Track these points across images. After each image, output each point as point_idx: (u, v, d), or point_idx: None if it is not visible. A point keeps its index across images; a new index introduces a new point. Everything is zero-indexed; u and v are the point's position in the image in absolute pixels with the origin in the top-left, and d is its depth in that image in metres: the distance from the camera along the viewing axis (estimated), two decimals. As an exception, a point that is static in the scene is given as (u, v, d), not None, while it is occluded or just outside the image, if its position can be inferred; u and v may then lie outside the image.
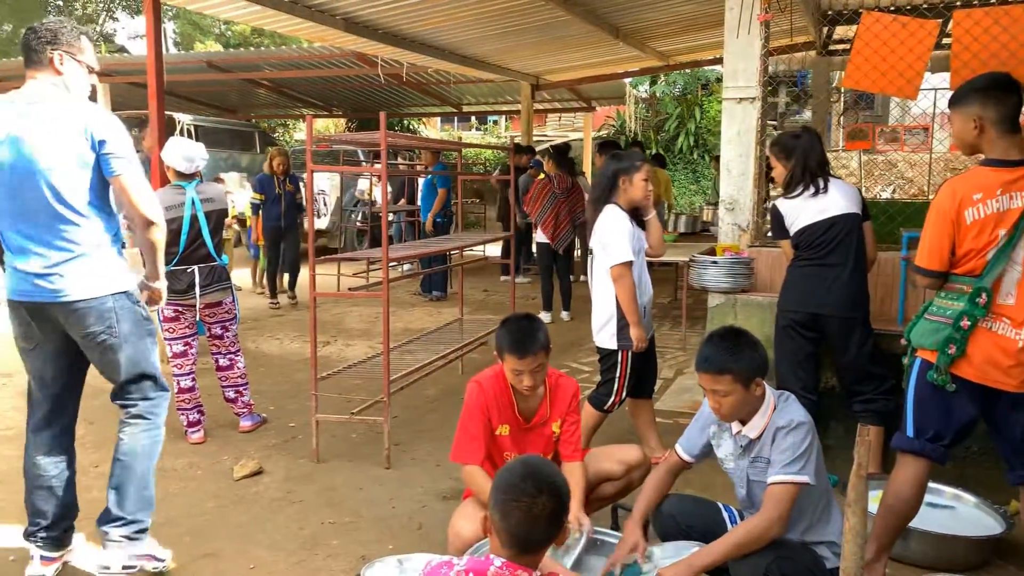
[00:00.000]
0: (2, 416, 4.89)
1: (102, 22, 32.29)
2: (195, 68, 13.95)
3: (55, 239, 2.63)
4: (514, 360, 2.65)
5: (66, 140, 2.57)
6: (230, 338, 4.54)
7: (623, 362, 3.71)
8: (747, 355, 2.38)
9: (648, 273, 3.82)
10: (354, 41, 8.49)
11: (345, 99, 17.34)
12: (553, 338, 6.73)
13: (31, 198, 2.60)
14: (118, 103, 15.66)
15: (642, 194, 3.67)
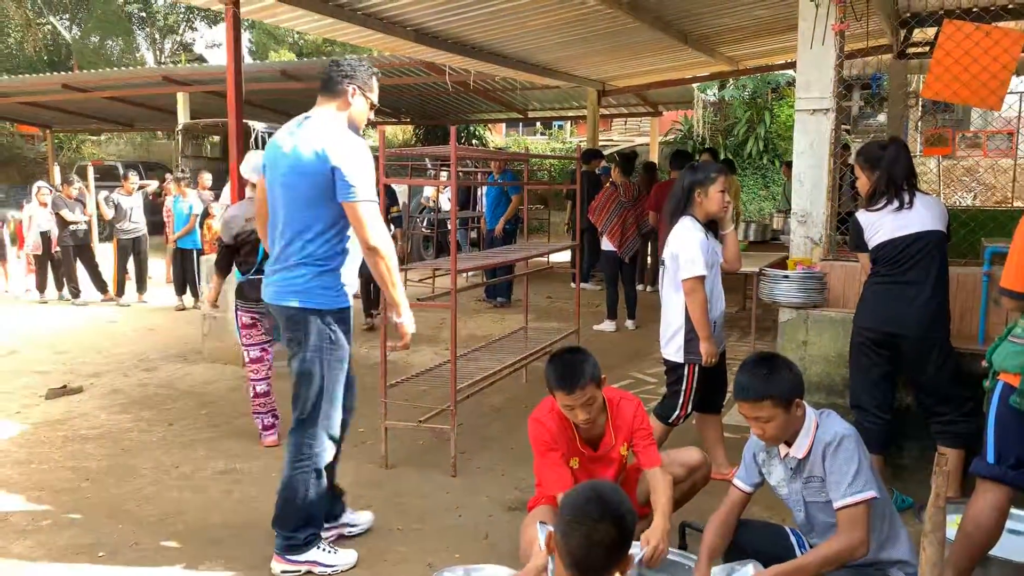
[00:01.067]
0: (90, 416, 5.13)
1: (182, 32, 33.54)
2: (270, 77, 14.39)
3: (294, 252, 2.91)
4: (563, 396, 2.66)
5: (310, 162, 2.80)
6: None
7: (689, 376, 3.68)
8: (784, 378, 2.39)
9: (721, 286, 3.78)
10: (424, 51, 8.64)
11: (412, 106, 17.61)
12: (618, 347, 6.77)
13: (282, 209, 2.90)
14: (196, 111, 16.26)
15: (718, 206, 3.62)
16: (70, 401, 5.45)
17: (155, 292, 9.85)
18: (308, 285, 2.90)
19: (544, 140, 22.37)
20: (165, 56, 32.93)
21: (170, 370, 6.29)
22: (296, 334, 2.96)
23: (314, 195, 2.83)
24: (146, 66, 26.05)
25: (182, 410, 5.26)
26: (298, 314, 2.93)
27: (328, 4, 6.76)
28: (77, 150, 24.86)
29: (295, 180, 2.85)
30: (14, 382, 5.96)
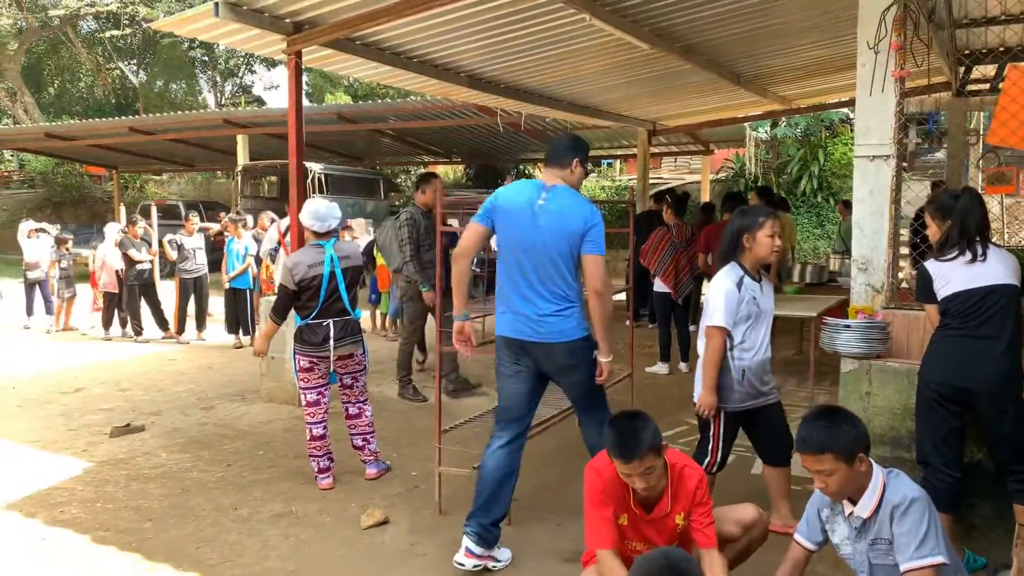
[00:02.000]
0: (152, 455, 5.24)
1: (241, 75, 34.73)
2: (327, 120, 14.77)
3: (550, 293, 3.48)
4: (620, 464, 2.60)
5: (569, 222, 3.42)
6: (359, 388, 4.71)
7: (716, 424, 3.64)
8: (846, 431, 2.36)
9: (769, 335, 3.71)
10: (477, 96, 8.80)
11: (463, 146, 17.88)
12: (669, 391, 6.69)
13: (541, 260, 3.45)
14: (255, 152, 16.76)
15: (767, 252, 3.56)
16: (133, 440, 5.59)
17: (214, 329, 10.08)
18: (569, 321, 3.49)
19: (594, 177, 22.41)
20: (225, 98, 34.11)
21: (228, 409, 6.42)
22: (567, 360, 3.54)
23: (566, 250, 3.44)
24: (208, 109, 26.95)
25: (240, 450, 5.35)
26: (579, 343, 3.52)
27: (385, 53, 6.95)
28: (141, 189, 25.79)
29: (550, 238, 3.43)
30: (80, 419, 6.14)
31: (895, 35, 3.80)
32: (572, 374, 3.60)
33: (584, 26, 6.32)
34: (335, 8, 5.79)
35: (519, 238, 3.49)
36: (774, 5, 6.32)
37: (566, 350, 3.50)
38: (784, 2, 6.27)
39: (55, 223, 13.97)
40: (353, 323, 4.61)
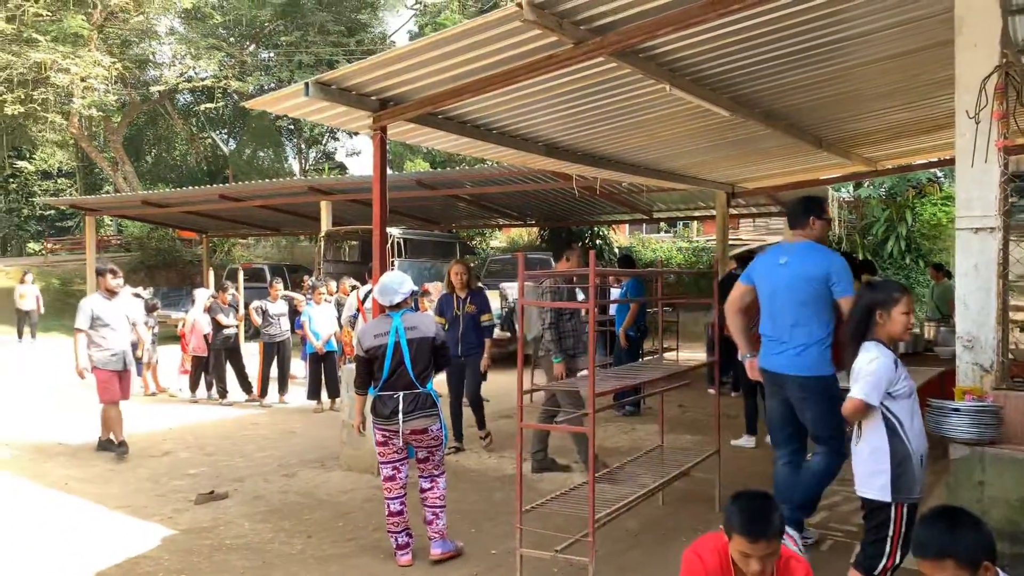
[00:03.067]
0: (235, 524, 5.29)
1: (325, 142, 36.17)
2: (406, 186, 15.17)
3: (792, 334, 4.25)
4: (744, 543, 2.46)
5: (810, 270, 4.20)
6: (435, 462, 4.61)
7: (898, 518, 3.25)
8: (969, 536, 2.18)
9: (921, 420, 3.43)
10: (553, 163, 8.88)
11: (537, 208, 18.04)
12: (758, 465, 6.43)
13: (785, 305, 4.27)
14: (337, 217, 17.29)
15: (902, 330, 3.35)
16: (216, 507, 5.66)
17: (295, 392, 10.26)
18: (803, 359, 4.21)
19: (669, 238, 22.26)
20: (309, 164, 35.52)
21: (308, 477, 6.46)
22: (800, 394, 4.25)
23: (807, 295, 4.19)
24: (295, 176, 28.03)
25: (320, 521, 5.35)
26: (811, 381, 4.19)
27: (465, 125, 7.11)
28: (228, 253, 26.87)
29: (793, 284, 4.22)
30: (167, 484, 6.28)
31: (997, 104, 3.65)
32: (804, 408, 4.25)
33: (663, 95, 6.35)
34: (419, 86, 5.96)
35: (769, 288, 4.37)
36: (855, 71, 6.22)
37: (799, 384, 4.22)
38: (866, 68, 6.17)
39: (146, 286, 14.59)
40: (424, 396, 4.48)
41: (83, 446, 7.67)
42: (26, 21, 20.01)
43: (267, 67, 25.14)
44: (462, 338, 7.10)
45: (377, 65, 5.64)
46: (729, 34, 5.21)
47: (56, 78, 19.82)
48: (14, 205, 39.08)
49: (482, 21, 4.83)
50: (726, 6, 4.54)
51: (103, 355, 7.10)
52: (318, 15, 24.23)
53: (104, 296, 7.28)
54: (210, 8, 24.16)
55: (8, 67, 19.57)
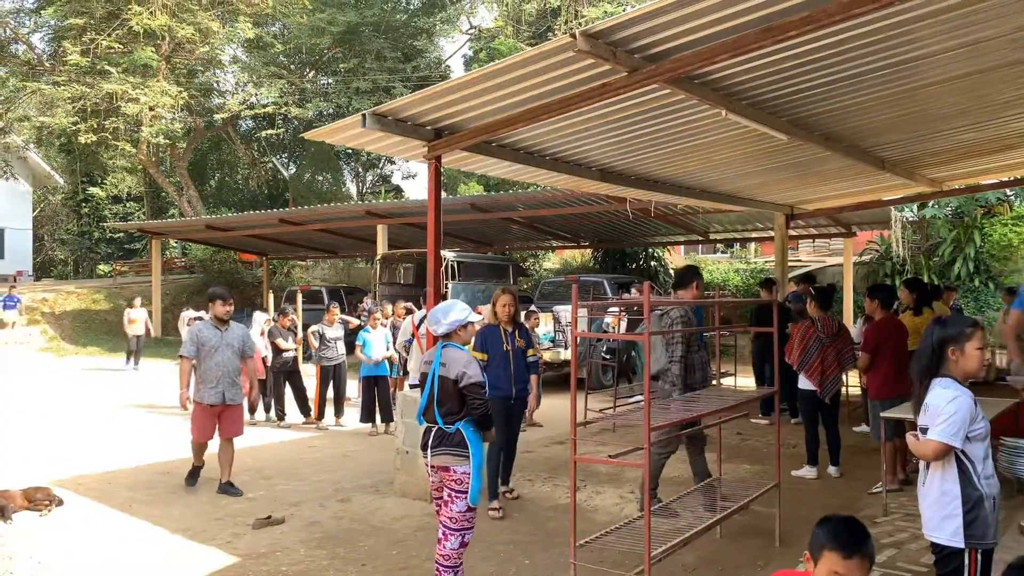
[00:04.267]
0: (291, 551, 5.34)
1: (381, 166, 36.78)
2: (461, 210, 15.31)
3: None
4: (840, 560, 2.32)
5: None
6: (451, 512, 4.12)
7: (972, 564, 3.07)
8: None
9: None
10: (606, 187, 8.85)
11: (591, 230, 18.01)
12: (820, 497, 6.26)
13: None
14: (392, 240, 17.54)
15: (976, 366, 3.18)
16: (273, 532, 5.73)
17: (350, 415, 10.37)
18: None
19: (726, 259, 21.92)
20: (366, 187, 36.18)
21: (363, 502, 6.50)
22: None
23: None
24: (353, 200, 28.55)
25: (374, 549, 5.36)
26: None
27: (519, 152, 7.15)
28: (287, 275, 27.45)
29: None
30: (226, 508, 6.37)
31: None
32: None
33: (718, 119, 6.28)
34: (473, 115, 6.02)
35: None
36: (919, 92, 6.06)
37: None
38: (930, 89, 6.00)
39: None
40: (451, 435, 4.15)
41: (148, 467, 7.86)
42: (99, 54, 20.91)
43: (325, 93, 25.72)
44: (517, 376, 6.14)
45: (431, 96, 5.72)
46: (788, 58, 5.13)
47: (126, 107, 20.61)
48: (86, 228, 40.69)
49: (536, 52, 4.85)
50: (782, 32, 4.48)
51: (201, 389, 6.67)
52: (375, 42, 24.73)
53: (213, 324, 6.82)
54: (271, 37, 24.89)
55: (83, 98, 20.45)
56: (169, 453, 8.50)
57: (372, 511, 6.25)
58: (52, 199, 43.63)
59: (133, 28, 20.53)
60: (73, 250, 42.45)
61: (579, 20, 19.22)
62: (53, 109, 22.10)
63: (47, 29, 25.79)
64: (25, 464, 7.81)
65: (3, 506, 5.98)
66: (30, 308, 21.99)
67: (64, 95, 20.51)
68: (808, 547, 2.47)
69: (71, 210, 41.19)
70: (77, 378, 15.84)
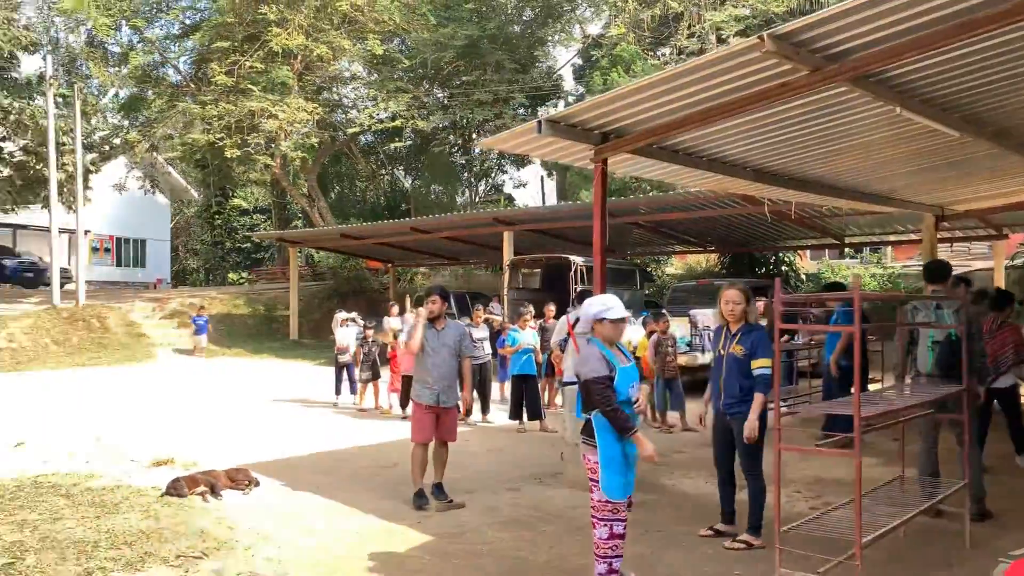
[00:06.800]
0: (479, 532, 5.66)
1: (494, 175, 37.50)
2: (587, 215, 15.50)
3: None
4: None
5: None
6: (591, 499, 4.44)
7: None
8: None
9: None
10: (757, 188, 8.86)
11: (717, 234, 17.85)
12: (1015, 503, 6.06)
13: None
14: (515, 247, 17.93)
15: None
16: (455, 515, 6.08)
17: (496, 413, 10.74)
18: None
19: (855, 263, 21.22)
20: (479, 196, 36.95)
21: (533, 492, 6.79)
22: None
23: None
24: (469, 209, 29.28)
25: (556, 533, 5.62)
26: None
27: (678, 154, 7.29)
28: (411, 281, 28.39)
29: None
30: (405, 493, 6.75)
31: None
32: None
33: (885, 116, 6.24)
34: (641, 119, 6.22)
35: None
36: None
37: None
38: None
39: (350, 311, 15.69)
40: (586, 424, 4.48)
41: (324, 454, 8.43)
42: (242, 74, 22.36)
43: (446, 106, 26.54)
44: (725, 387, 5.33)
45: (603, 103, 5.97)
46: (972, 53, 5.08)
47: (266, 123, 21.95)
48: (218, 239, 43.34)
49: (722, 54, 5.01)
50: (977, 27, 4.48)
51: (417, 388, 6.49)
52: (495, 54, 25.36)
53: (427, 324, 6.55)
54: (397, 53, 25.93)
55: (227, 115, 21.91)
56: (337, 443, 9.10)
57: (544, 500, 6.52)
58: (187, 212, 46.75)
59: (272, 48, 21.86)
60: (206, 259, 45.28)
61: (702, 24, 19.19)
62: (193, 127, 23.76)
63: (191, 53, 27.74)
64: (210, 450, 8.49)
65: (213, 484, 6.60)
66: (178, 312, 23.65)
67: (211, 113, 22.03)
68: None
69: (205, 221, 43.95)
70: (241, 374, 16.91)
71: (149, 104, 26.83)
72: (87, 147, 23.80)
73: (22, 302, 23.28)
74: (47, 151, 21.57)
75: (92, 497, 6.37)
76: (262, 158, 23.37)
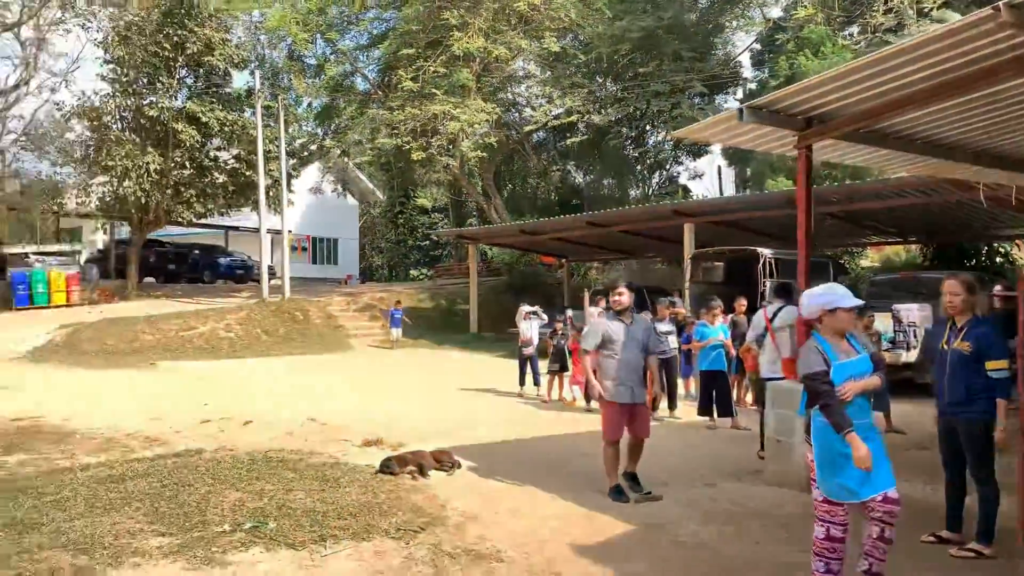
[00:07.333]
0: (683, 523, 5.64)
1: (668, 166, 36.85)
2: (775, 205, 14.92)
3: None
4: None
5: None
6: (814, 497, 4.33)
7: None
8: None
9: None
10: (977, 172, 8.17)
11: (916, 223, 16.57)
12: None
13: None
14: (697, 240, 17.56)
15: None
16: (654, 507, 6.09)
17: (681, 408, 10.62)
18: None
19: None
20: (651, 190, 36.45)
21: (731, 488, 6.66)
22: None
23: None
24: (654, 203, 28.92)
25: (762, 529, 5.50)
26: None
27: (888, 138, 6.88)
28: (584, 276, 28.59)
29: None
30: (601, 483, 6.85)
31: None
32: None
33: None
34: (849, 102, 5.94)
35: None
36: None
37: None
38: None
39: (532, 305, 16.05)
40: (808, 422, 4.39)
41: (514, 442, 8.71)
42: (426, 79, 23.44)
43: (621, 99, 26.42)
44: (948, 387, 4.95)
45: (812, 86, 5.76)
46: None
47: (448, 125, 22.89)
48: (401, 237, 45.78)
49: (951, 27, 4.69)
50: None
51: (610, 386, 6.35)
52: (671, 44, 24.95)
53: (613, 316, 6.48)
54: (571, 49, 26.13)
55: (413, 119, 23.06)
56: (527, 431, 9.37)
57: (745, 496, 6.39)
58: (372, 212, 49.68)
59: (454, 52, 22.73)
60: (390, 257, 47.97)
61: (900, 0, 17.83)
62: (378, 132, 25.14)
63: (378, 62, 29.39)
64: (411, 432, 9.00)
65: (421, 464, 7.03)
66: (369, 306, 25.23)
67: (397, 118, 23.26)
68: None
69: (389, 221, 46.55)
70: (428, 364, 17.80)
71: (340, 112, 28.73)
72: (288, 154, 25.86)
73: (235, 296, 25.77)
74: (256, 159, 23.71)
75: (315, 472, 6.97)
76: (444, 159, 24.37)
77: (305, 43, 26.01)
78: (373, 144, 25.51)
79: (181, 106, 24.06)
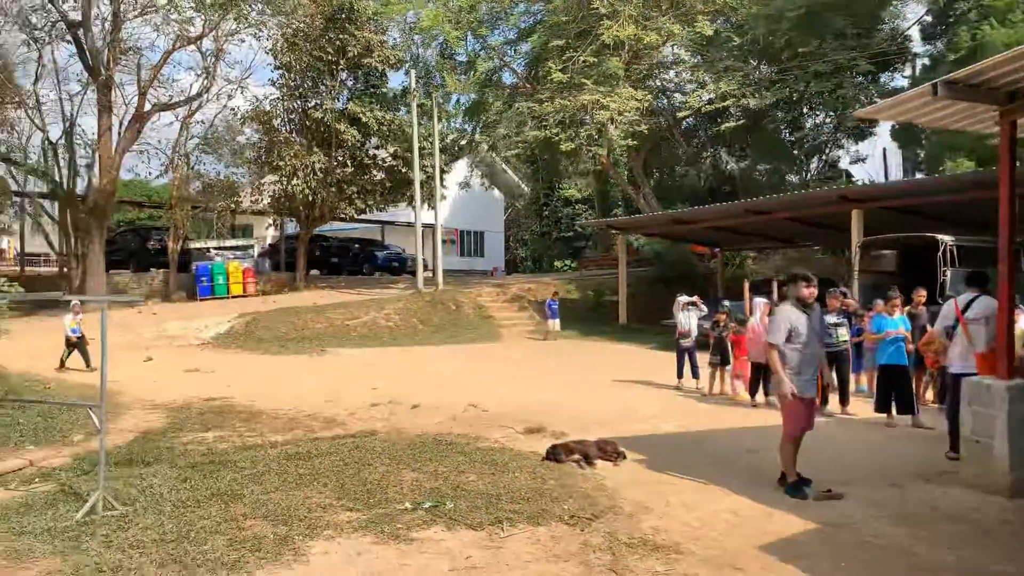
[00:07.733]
0: (865, 524, 5.34)
1: (828, 150, 34.91)
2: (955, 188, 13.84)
3: None
4: None
5: None
6: None
7: None
8: None
9: None
10: None
11: None
12: None
13: None
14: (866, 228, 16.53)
15: None
16: (835, 507, 5.80)
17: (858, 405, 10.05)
18: None
19: None
20: (810, 175, 34.63)
21: (919, 489, 6.25)
22: None
23: None
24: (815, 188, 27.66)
25: (959, 534, 5.13)
26: None
27: (1108, 108, 6.17)
28: (739, 266, 27.65)
29: None
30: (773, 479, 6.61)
31: None
32: None
33: None
34: (1065, 69, 5.37)
35: None
36: None
37: None
38: None
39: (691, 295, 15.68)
40: None
41: (678, 435, 8.57)
42: (575, 69, 23.42)
43: (779, 81, 25.31)
44: None
45: (1020, 55, 5.25)
46: None
47: (598, 115, 22.77)
48: (545, 229, 46.14)
49: None
50: None
51: (796, 380, 6.13)
52: (835, 21, 23.59)
53: (798, 307, 6.23)
54: (727, 32, 25.27)
55: (562, 111, 23.12)
56: (688, 425, 9.20)
57: (936, 498, 5.98)
58: (517, 205, 50.32)
59: (604, 41, 22.57)
60: (534, 248, 48.46)
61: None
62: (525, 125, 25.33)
63: (526, 55, 29.65)
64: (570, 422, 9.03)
65: (586, 453, 7.06)
66: (518, 297, 25.62)
67: (547, 110, 23.40)
68: None
69: (534, 213, 47.01)
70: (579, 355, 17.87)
71: (488, 107, 29.24)
72: (440, 150, 26.65)
73: (391, 288, 26.92)
74: (411, 155, 24.60)
75: (484, 456, 7.16)
76: (594, 149, 24.28)
77: (457, 40, 26.67)
78: (521, 137, 25.79)
79: (343, 107, 25.36)
